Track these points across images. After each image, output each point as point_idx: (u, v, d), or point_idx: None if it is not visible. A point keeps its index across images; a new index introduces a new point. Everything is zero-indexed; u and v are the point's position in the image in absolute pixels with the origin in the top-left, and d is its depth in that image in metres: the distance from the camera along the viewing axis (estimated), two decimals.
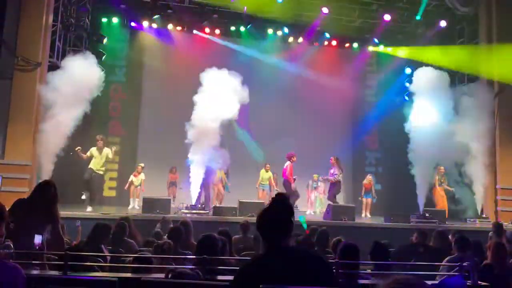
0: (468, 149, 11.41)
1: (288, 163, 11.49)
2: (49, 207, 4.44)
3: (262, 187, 12.71)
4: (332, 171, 11.77)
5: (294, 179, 11.52)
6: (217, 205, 11.10)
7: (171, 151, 12.26)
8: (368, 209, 12.78)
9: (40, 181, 5.19)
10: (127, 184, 12.27)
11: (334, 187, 11.72)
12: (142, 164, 12.45)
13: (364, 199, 12.88)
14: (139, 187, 12.22)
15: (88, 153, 10.48)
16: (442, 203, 11.84)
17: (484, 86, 12.02)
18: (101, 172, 10.78)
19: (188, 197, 10.88)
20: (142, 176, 12.30)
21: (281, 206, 2.17)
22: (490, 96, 11.84)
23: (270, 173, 12.82)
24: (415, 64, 12.94)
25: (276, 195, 2.23)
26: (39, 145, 9.78)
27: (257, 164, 13.15)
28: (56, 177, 10.60)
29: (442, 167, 11.88)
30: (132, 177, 12.29)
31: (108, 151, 10.62)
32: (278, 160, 12.77)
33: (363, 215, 12.55)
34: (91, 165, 10.49)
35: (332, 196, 11.66)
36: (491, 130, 11.72)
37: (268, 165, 12.82)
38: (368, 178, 13.07)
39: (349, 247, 4.06)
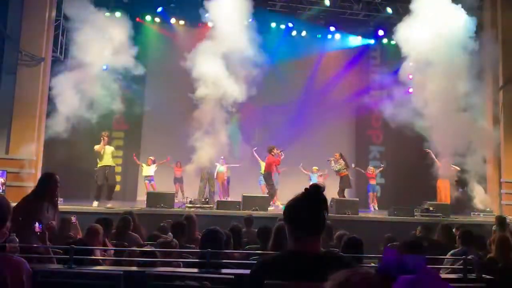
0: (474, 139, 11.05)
1: (269, 155, 11.36)
2: (53, 195, 4.75)
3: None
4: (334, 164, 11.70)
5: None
6: (221, 199, 11.12)
7: (175, 145, 12.26)
8: (374, 201, 12.78)
9: (43, 173, 5.43)
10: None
11: (341, 182, 11.64)
12: (152, 157, 12.50)
13: (370, 193, 12.88)
14: (152, 182, 12.25)
15: (98, 147, 9.85)
16: (444, 194, 11.64)
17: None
18: (112, 164, 10.20)
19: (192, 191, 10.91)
20: (153, 167, 12.41)
21: (316, 199, 1.87)
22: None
23: None
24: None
25: (310, 186, 1.92)
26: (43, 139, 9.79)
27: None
28: (59, 171, 10.65)
29: (444, 158, 11.69)
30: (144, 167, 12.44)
31: (112, 149, 10.28)
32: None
33: (371, 207, 12.61)
34: (101, 164, 9.87)
35: (340, 191, 11.57)
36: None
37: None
38: (371, 169, 13.05)
39: (353, 241, 4.08)
